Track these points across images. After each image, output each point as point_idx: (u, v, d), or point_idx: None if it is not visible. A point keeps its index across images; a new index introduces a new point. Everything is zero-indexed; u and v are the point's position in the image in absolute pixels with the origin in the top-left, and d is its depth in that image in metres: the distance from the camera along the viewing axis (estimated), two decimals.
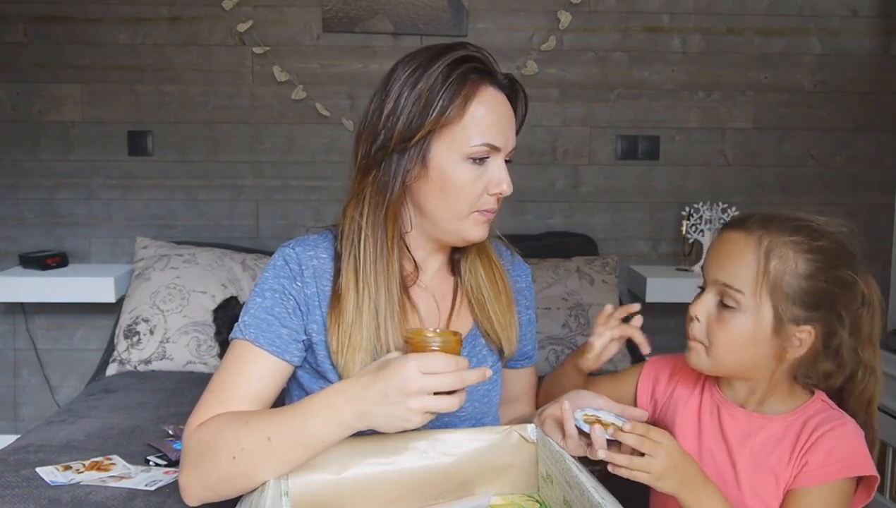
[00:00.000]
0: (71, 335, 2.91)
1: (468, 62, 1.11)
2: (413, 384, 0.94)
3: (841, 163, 2.96)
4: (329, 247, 1.21)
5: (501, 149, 1.13)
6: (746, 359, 1.08)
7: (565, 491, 0.97)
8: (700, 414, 1.17)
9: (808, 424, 1.08)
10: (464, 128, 1.10)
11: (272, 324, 1.14)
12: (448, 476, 1.05)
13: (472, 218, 1.15)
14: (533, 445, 1.07)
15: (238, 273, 2.58)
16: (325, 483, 1.00)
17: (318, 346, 1.16)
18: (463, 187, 1.12)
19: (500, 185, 1.13)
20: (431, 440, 1.05)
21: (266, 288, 1.17)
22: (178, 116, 2.83)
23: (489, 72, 1.13)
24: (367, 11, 2.78)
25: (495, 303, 1.24)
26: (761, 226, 1.06)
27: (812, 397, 1.12)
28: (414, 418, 0.95)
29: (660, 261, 2.97)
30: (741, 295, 1.05)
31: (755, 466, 1.09)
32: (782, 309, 1.04)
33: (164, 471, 1.63)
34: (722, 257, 1.08)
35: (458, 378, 0.96)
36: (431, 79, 1.10)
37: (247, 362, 1.13)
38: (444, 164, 1.12)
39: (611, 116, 2.90)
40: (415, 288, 1.22)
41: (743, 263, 1.05)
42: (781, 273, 1.03)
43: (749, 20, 2.88)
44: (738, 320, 1.06)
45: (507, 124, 1.14)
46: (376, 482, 1.03)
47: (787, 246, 1.04)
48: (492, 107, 1.12)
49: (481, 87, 1.11)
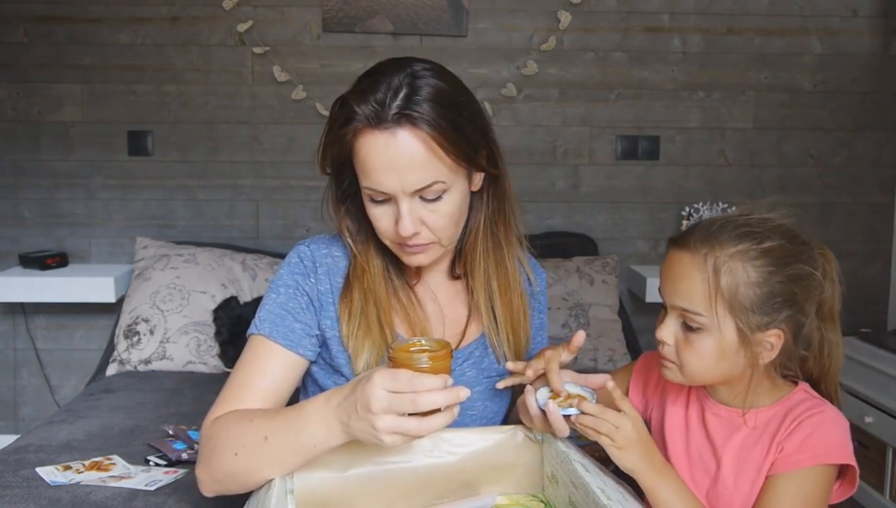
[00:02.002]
0: (71, 335, 2.91)
1: (350, 105, 1.06)
2: (375, 404, 0.91)
3: (841, 163, 2.96)
4: (344, 246, 1.22)
5: (389, 193, 1.06)
6: (720, 373, 1.07)
7: (571, 492, 0.97)
8: (687, 412, 1.16)
9: (789, 414, 1.06)
10: (357, 167, 1.09)
11: (286, 319, 1.16)
12: (453, 476, 1.05)
13: (396, 247, 1.14)
14: (538, 445, 1.07)
15: (238, 273, 2.58)
16: (330, 481, 1.00)
17: (331, 341, 1.17)
18: (374, 222, 1.12)
19: (398, 226, 1.07)
20: (436, 439, 1.05)
21: (280, 285, 1.19)
22: (178, 116, 2.83)
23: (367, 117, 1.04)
24: (367, 11, 2.78)
25: (508, 315, 1.23)
26: (704, 242, 1.03)
27: (795, 388, 1.11)
28: (384, 438, 0.92)
29: (660, 261, 2.93)
30: (701, 317, 1.03)
31: (738, 463, 1.08)
32: (744, 321, 1.01)
33: (164, 471, 1.62)
34: (674, 281, 1.06)
35: (426, 399, 0.91)
36: (331, 120, 1.10)
37: (262, 357, 1.15)
38: (364, 198, 1.12)
39: (611, 116, 2.90)
40: (419, 287, 1.23)
41: (694, 285, 1.03)
42: (734, 286, 1.01)
43: (749, 20, 2.88)
44: (703, 340, 1.04)
45: (393, 169, 1.04)
46: (381, 480, 1.02)
47: (733, 258, 1.01)
48: (371, 153, 1.05)
49: (359, 135, 1.06)
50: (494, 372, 1.23)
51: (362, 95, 1.05)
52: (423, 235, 1.10)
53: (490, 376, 1.23)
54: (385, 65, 1.09)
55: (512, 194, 1.22)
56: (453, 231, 1.13)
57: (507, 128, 2.86)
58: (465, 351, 1.22)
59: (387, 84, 1.05)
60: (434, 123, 1.03)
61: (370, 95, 1.04)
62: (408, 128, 1.03)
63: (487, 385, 1.22)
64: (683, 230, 1.11)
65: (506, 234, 1.23)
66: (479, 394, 1.21)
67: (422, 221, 1.08)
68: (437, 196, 1.08)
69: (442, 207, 1.09)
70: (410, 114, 1.03)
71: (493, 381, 1.21)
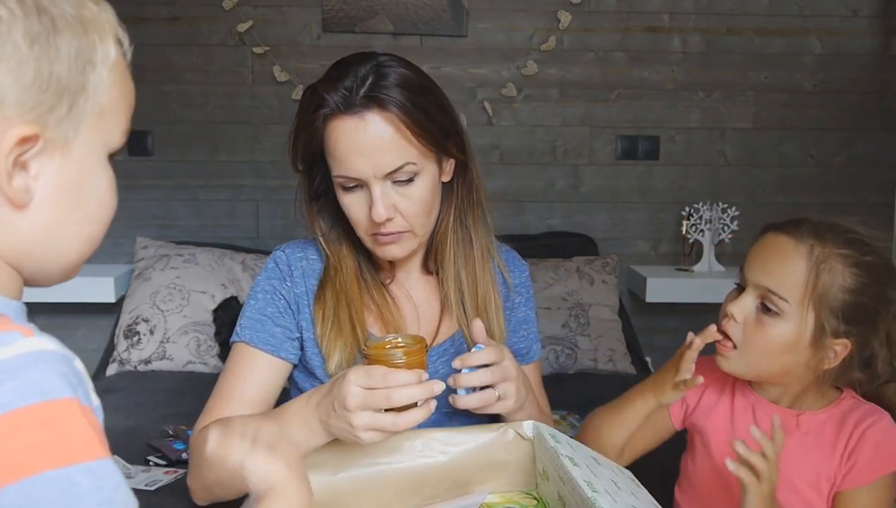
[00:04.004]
0: (71, 335, 2.91)
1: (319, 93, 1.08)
2: (350, 401, 0.92)
3: (841, 163, 2.96)
4: (319, 249, 1.23)
5: (361, 178, 1.07)
6: (780, 366, 1.08)
7: (559, 487, 0.97)
8: (733, 416, 1.16)
9: (847, 420, 1.08)
10: (328, 156, 1.11)
11: (266, 324, 1.17)
12: (444, 475, 1.05)
13: (370, 240, 1.14)
14: (529, 442, 1.07)
15: (238, 273, 2.59)
16: (320, 484, 1.00)
17: (307, 343, 1.19)
18: (346, 211, 1.13)
19: (371, 212, 1.08)
20: (427, 438, 1.05)
21: (259, 291, 1.21)
22: (178, 116, 2.83)
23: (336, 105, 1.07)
24: (367, 11, 2.79)
25: (475, 306, 1.22)
26: (813, 234, 1.05)
27: (842, 393, 1.13)
28: (361, 435, 0.93)
29: (660, 261, 2.97)
30: (785, 303, 1.04)
31: (795, 462, 1.09)
32: (825, 320, 1.03)
33: (164, 471, 1.63)
34: (769, 261, 1.07)
35: (400, 394, 0.91)
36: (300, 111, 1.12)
37: (245, 363, 1.17)
38: (336, 188, 1.13)
39: (611, 116, 2.90)
40: (393, 285, 1.24)
41: (791, 271, 1.04)
42: (829, 285, 1.03)
43: (749, 20, 2.88)
44: (778, 327, 1.05)
45: (363, 152, 1.06)
46: (373, 482, 1.02)
47: (837, 258, 1.03)
48: (340, 138, 1.07)
49: (329, 121, 1.08)
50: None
51: (331, 83, 1.07)
52: (396, 222, 1.10)
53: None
54: (352, 56, 1.12)
55: (481, 185, 1.23)
56: (425, 219, 1.14)
57: (507, 128, 2.87)
58: (440, 348, 1.23)
59: (354, 73, 1.07)
60: (402, 105, 1.06)
61: (338, 83, 1.07)
62: (376, 111, 1.06)
63: None
64: (786, 220, 1.11)
65: (475, 225, 1.23)
66: None
67: (395, 207, 1.09)
68: (408, 177, 1.09)
69: (414, 191, 1.10)
70: (378, 96, 1.05)
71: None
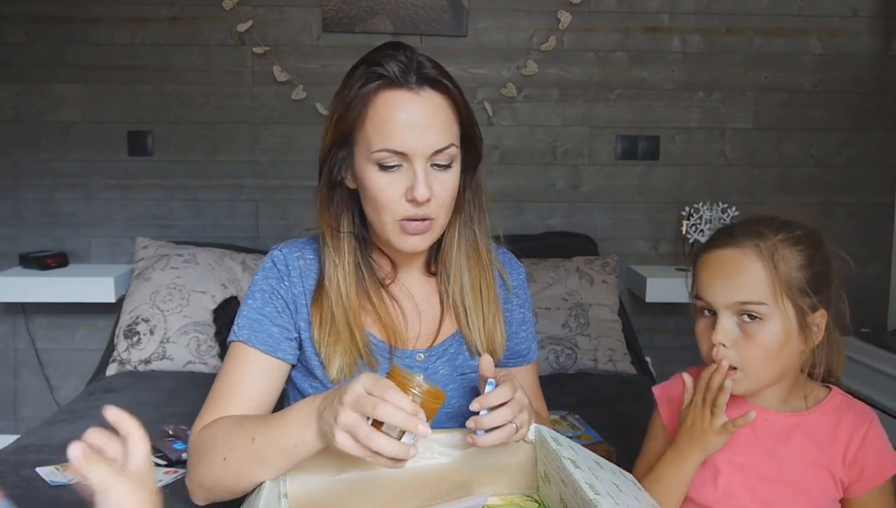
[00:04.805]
0: (71, 335, 2.91)
1: (375, 65, 1.09)
2: (348, 395, 0.91)
3: (841, 163, 2.96)
4: (317, 249, 1.23)
5: (409, 153, 1.07)
6: (781, 365, 1.11)
7: (561, 490, 0.97)
8: None
9: (842, 420, 1.12)
10: (367, 134, 1.09)
11: (263, 324, 1.17)
12: (446, 477, 1.05)
13: (396, 227, 1.12)
14: (531, 445, 1.07)
15: (238, 273, 2.58)
16: (323, 485, 1.00)
17: (305, 343, 1.19)
18: (376, 193, 1.10)
19: (413, 190, 1.07)
20: (429, 441, 1.05)
21: (256, 290, 1.21)
22: (178, 116, 2.83)
23: (395, 74, 1.07)
24: (367, 11, 2.78)
25: (479, 311, 1.23)
26: (749, 235, 1.10)
27: (830, 392, 1.16)
28: (337, 433, 0.91)
29: (660, 261, 2.97)
30: (764, 307, 1.07)
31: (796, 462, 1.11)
32: (800, 302, 1.08)
33: (164, 471, 1.63)
34: (728, 278, 1.09)
35: (386, 408, 0.89)
36: (346, 86, 1.12)
37: (242, 363, 1.16)
38: (361, 171, 1.12)
39: (611, 116, 2.90)
40: (394, 286, 1.23)
41: (753, 276, 1.08)
42: (788, 270, 1.08)
43: (749, 20, 2.88)
44: (767, 329, 1.08)
45: (416, 126, 1.07)
46: (374, 483, 1.03)
47: (780, 245, 1.08)
48: (394, 111, 1.07)
49: (382, 92, 1.08)
50: (469, 369, 1.24)
51: (385, 57, 1.09)
52: (431, 206, 1.10)
53: (464, 373, 1.24)
54: (388, 44, 1.14)
55: (486, 188, 1.25)
56: (448, 211, 1.15)
57: (507, 128, 2.87)
58: (440, 348, 1.23)
59: (404, 54, 1.09)
60: (452, 90, 1.10)
61: (393, 59, 1.08)
62: (429, 89, 1.09)
63: (462, 382, 1.23)
64: (710, 237, 1.17)
65: (480, 228, 1.24)
66: (454, 392, 1.22)
67: (431, 190, 1.09)
68: (448, 162, 1.11)
69: (450, 178, 1.12)
70: (432, 76, 1.09)
71: (468, 378, 1.23)
